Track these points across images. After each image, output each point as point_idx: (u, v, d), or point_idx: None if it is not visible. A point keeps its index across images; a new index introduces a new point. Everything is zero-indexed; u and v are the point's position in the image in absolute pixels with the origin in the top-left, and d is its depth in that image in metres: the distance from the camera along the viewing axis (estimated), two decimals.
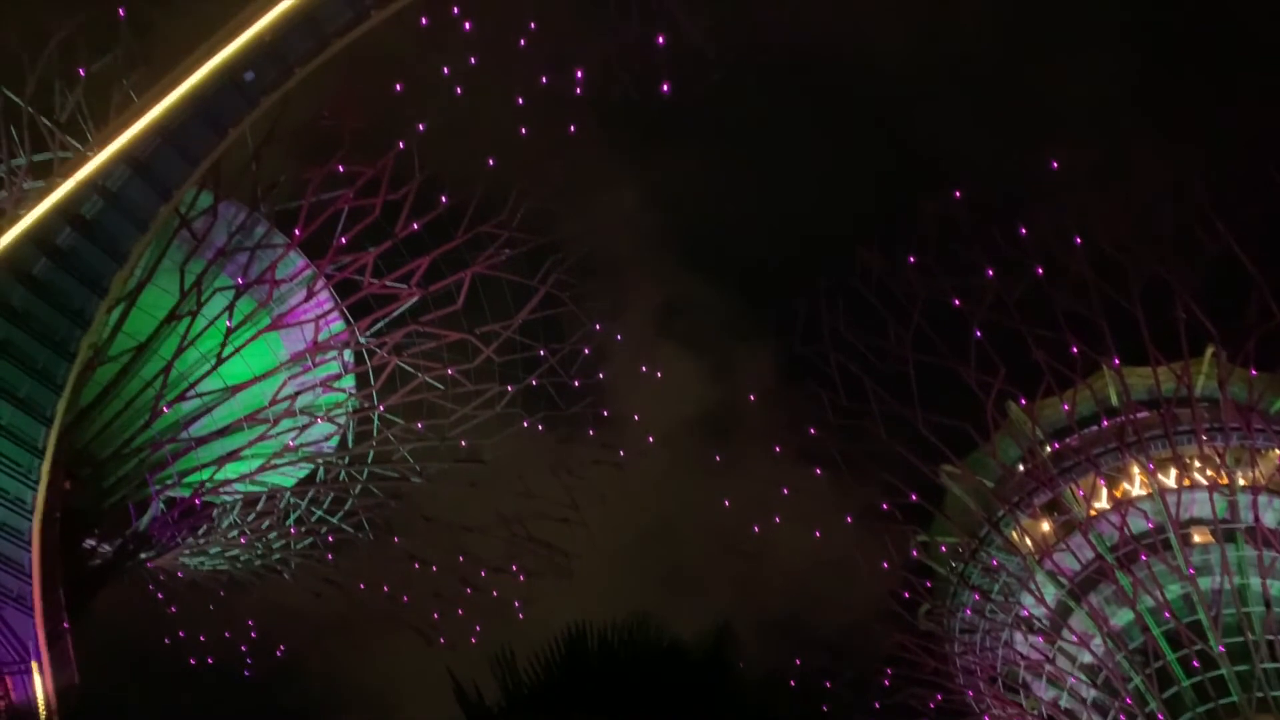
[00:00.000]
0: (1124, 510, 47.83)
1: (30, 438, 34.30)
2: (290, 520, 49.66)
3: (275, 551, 50.73)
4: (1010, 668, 51.63)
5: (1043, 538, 50.13)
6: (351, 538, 51.00)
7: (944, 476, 50.30)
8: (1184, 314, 44.48)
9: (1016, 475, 50.83)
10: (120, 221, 34.98)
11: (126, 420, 41.00)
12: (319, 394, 45.97)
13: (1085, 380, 47.75)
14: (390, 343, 45.72)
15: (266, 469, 46.03)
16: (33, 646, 32.68)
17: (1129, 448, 47.70)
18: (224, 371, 43.09)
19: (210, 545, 48.72)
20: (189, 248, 40.92)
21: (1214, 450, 47.29)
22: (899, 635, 52.01)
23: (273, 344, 44.62)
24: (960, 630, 52.49)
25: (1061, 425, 49.85)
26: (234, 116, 35.86)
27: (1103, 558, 47.73)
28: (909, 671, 52.54)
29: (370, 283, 44.12)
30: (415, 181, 42.55)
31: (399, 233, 43.29)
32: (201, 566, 51.92)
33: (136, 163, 34.60)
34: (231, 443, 44.29)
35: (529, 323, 47.24)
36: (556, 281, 46.77)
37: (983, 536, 50.71)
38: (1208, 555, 46.78)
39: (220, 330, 42.22)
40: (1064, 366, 46.42)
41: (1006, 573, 50.47)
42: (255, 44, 34.81)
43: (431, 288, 44.69)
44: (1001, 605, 50.81)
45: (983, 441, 48.91)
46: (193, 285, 41.01)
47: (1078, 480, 49.40)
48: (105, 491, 40.52)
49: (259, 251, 42.81)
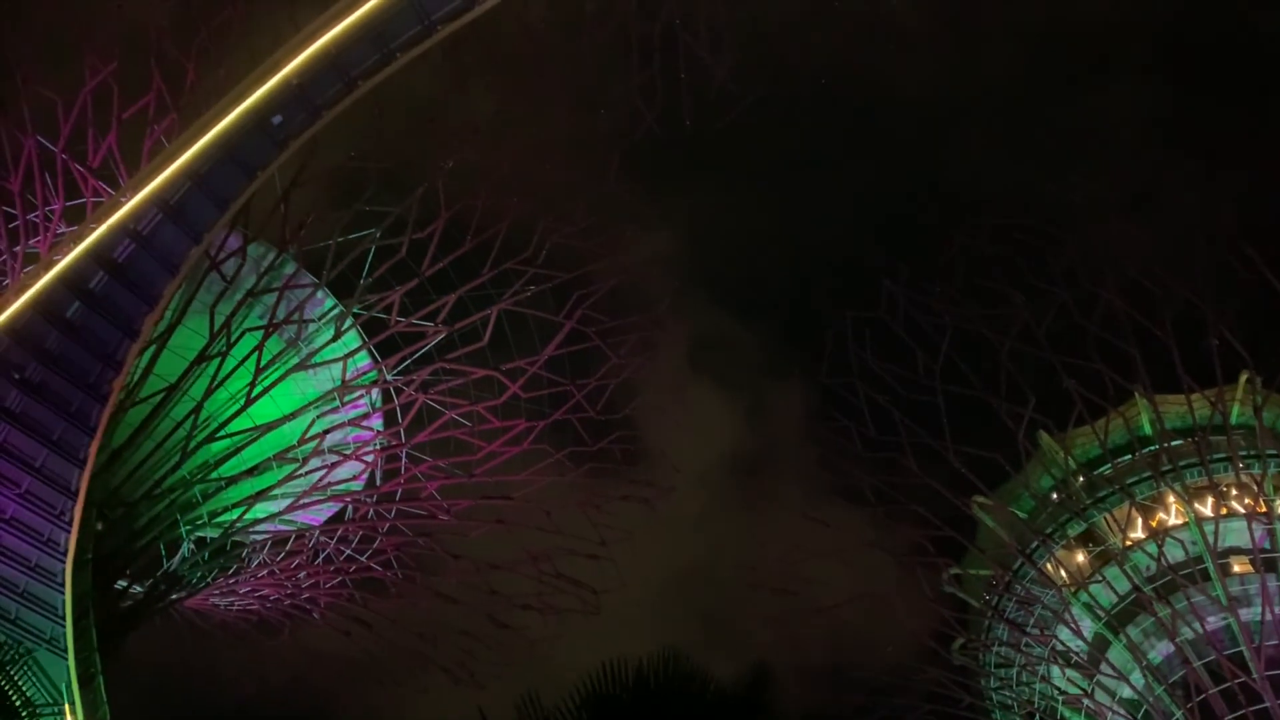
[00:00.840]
0: (1160, 540, 47.08)
1: (63, 479, 34.57)
2: (319, 559, 49.75)
3: (304, 590, 50.76)
4: (1048, 703, 50.69)
5: (1078, 569, 49.41)
6: (380, 576, 50.95)
7: (976, 508, 49.75)
8: (1218, 340, 44.07)
9: (1049, 506, 50.18)
10: (151, 264, 35.38)
11: (157, 461, 41.31)
12: (347, 432, 46.18)
13: (1117, 409, 47.23)
14: (417, 380, 45.91)
15: (295, 508, 46.19)
16: (65, 689, 32.74)
17: (1164, 476, 47.03)
18: (253, 411, 43.40)
19: (240, 585, 48.82)
20: (218, 289, 41.42)
21: (1251, 478, 46.56)
22: (934, 671, 51.27)
23: (301, 383, 44.96)
24: (995, 665, 51.69)
25: (1095, 454, 49.27)
26: (262, 160, 36.29)
27: (1140, 589, 46.95)
28: (944, 708, 51.71)
29: (397, 321, 44.41)
30: (441, 220, 42.91)
31: (425, 271, 43.61)
32: (232, 607, 52.03)
33: (167, 206, 35.06)
34: (261, 482, 44.51)
35: (556, 359, 47.34)
36: (583, 317, 46.84)
37: (1016, 569, 50.01)
38: (1247, 585, 45.89)
39: (249, 370, 42.57)
40: (1096, 395, 46.03)
41: (1041, 605, 49.70)
42: (283, 88, 35.28)
43: (458, 325, 44.91)
44: (1037, 638, 49.98)
45: (1014, 472, 48.42)
46: (222, 326, 41.43)
47: (1112, 510, 48.75)
48: (136, 532, 40.73)
49: (287, 292, 43.23)
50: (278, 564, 48.58)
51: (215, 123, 35.15)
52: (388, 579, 51.24)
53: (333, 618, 53.28)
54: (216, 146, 34.78)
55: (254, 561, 47.84)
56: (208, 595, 48.04)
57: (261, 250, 42.87)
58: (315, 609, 52.46)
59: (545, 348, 46.75)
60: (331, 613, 53.01)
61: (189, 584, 44.21)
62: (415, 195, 42.60)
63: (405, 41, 35.79)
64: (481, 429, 47.72)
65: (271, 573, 48.85)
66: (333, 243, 43.14)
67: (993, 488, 49.52)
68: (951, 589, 51.01)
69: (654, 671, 14.51)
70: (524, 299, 45.35)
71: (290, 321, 43.46)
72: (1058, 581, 49.26)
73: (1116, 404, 46.96)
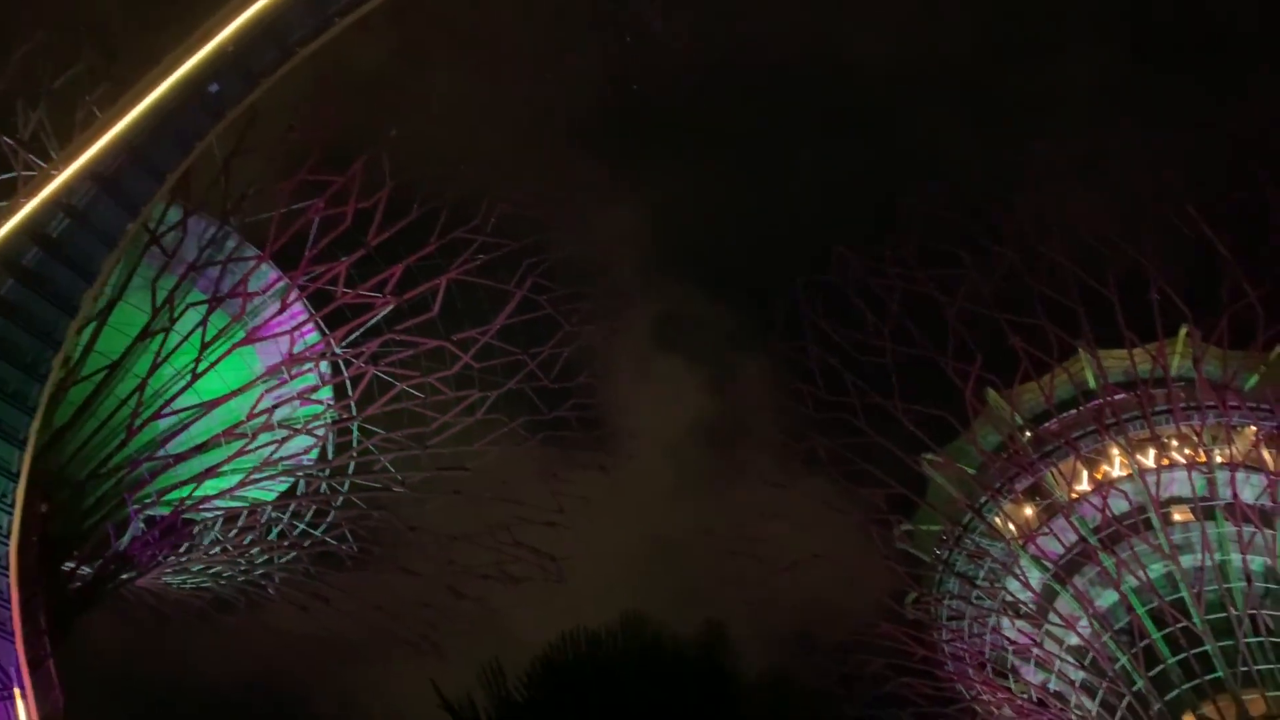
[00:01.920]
0: (1105, 492, 48.24)
1: (4, 461, 33.80)
2: (272, 534, 49.29)
3: (258, 566, 50.31)
4: (998, 653, 51.93)
5: (1026, 522, 50.47)
6: (336, 550, 50.63)
7: (926, 466, 50.55)
8: (1159, 296, 44.98)
9: (997, 461, 51.12)
10: (88, 239, 34.51)
11: (102, 440, 40.49)
12: (297, 407, 45.60)
13: (1062, 365, 48.09)
14: (367, 352, 45.38)
15: (246, 484, 45.59)
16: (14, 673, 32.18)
17: (1108, 430, 48.08)
18: (200, 387, 42.64)
19: (192, 563, 48.24)
20: (159, 264, 40.54)
21: (1191, 429, 47.75)
22: (888, 625, 52.25)
23: (248, 358, 44.21)
24: (948, 618, 52.78)
25: (1040, 410, 50.22)
26: (200, 130, 35.47)
27: (1086, 540, 48.11)
28: (898, 661, 52.76)
29: (344, 293, 43.76)
30: (386, 189, 42.22)
31: (371, 241, 42.95)
32: (185, 585, 51.43)
33: (102, 179, 34.14)
34: (210, 459, 43.84)
35: (510, 328, 47.03)
36: (535, 286, 46.53)
37: (966, 523, 51.02)
38: (1188, 533, 47.25)
39: (194, 346, 41.78)
40: (1040, 352, 46.82)
41: (991, 559, 50.78)
42: (218, 56, 34.44)
43: (406, 296, 44.38)
44: (987, 591, 51.11)
45: (963, 429, 49.22)
46: (164, 301, 40.56)
47: (1058, 464, 49.79)
48: (83, 513, 40.01)
49: (231, 265, 42.42)
50: (230, 540, 48.06)
51: (149, 92, 34.23)
52: (343, 553, 50.94)
53: (289, 593, 52.92)
54: (151, 117, 33.91)
55: (206, 539, 47.28)
56: (159, 574, 47.40)
57: (204, 223, 41.96)
58: (270, 584, 52.03)
59: (497, 317, 46.44)
60: (288, 588, 52.64)
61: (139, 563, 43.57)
62: (358, 164, 41.83)
63: (344, 6, 35.05)
64: (434, 400, 47.39)
65: (224, 549, 48.32)
66: (276, 214, 42.31)
67: (942, 445, 50.34)
68: (904, 545, 51.93)
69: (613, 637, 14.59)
70: (473, 269, 44.90)
71: (235, 295, 42.63)
72: (1006, 535, 50.30)
73: (1061, 360, 47.81)
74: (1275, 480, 46.70)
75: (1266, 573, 46.14)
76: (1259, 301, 44.98)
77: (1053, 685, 50.01)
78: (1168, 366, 47.63)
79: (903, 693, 53.10)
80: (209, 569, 49.80)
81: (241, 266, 42.77)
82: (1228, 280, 44.75)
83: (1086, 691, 48.55)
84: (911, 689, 53.18)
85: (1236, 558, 46.44)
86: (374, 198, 42.43)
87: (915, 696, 53.29)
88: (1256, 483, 47.31)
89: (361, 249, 43.22)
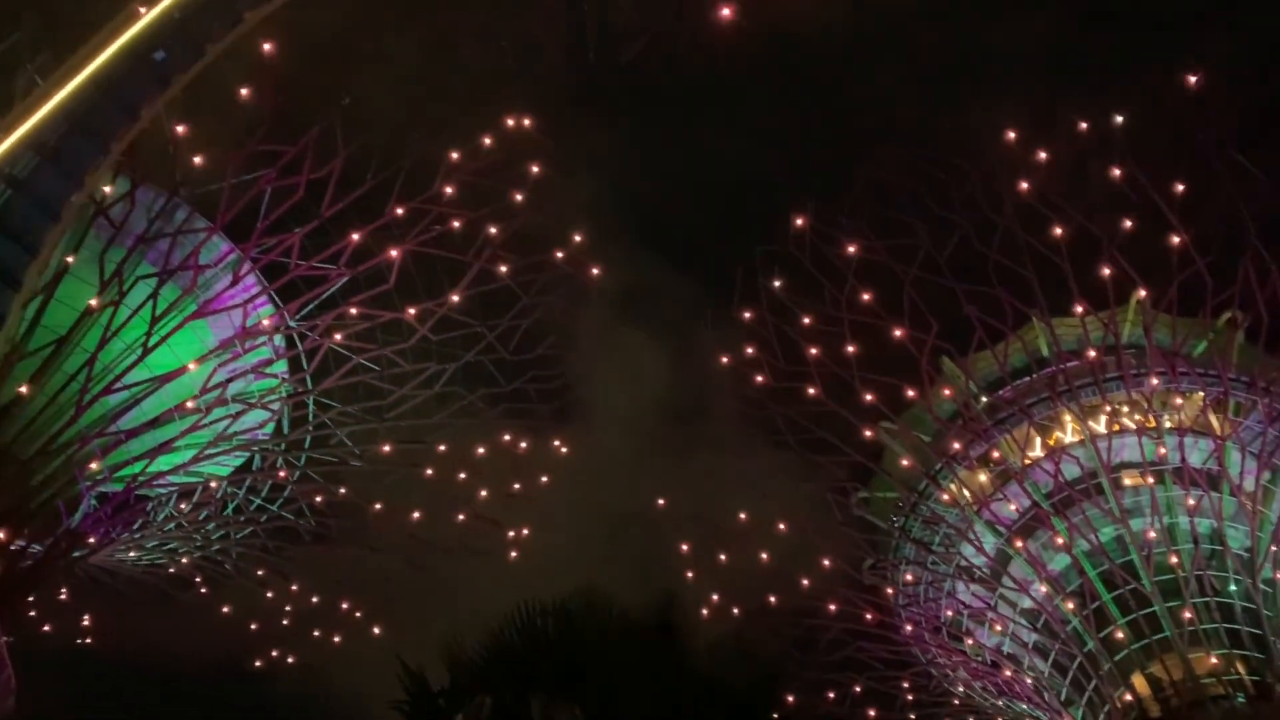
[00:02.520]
0: (1057, 458, 49.01)
1: None
2: (228, 510, 48.84)
3: (215, 543, 49.88)
4: (954, 617, 52.82)
5: (980, 488, 51.19)
6: (293, 525, 50.31)
7: (882, 434, 51.06)
8: (1110, 264, 45.59)
9: (952, 429, 51.74)
10: (30, 211, 33.64)
11: (51, 416, 39.81)
12: (251, 381, 45.09)
13: (1016, 333, 48.66)
14: (322, 325, 44.90)
15: (201, 459, 45.10)
16: None
17: (1060, 397, 48.79)
18: (151, 362, 42.00)
19: (146, 540, 47.72)
20: (107, 236, 39.77)
21: (1141, 395, 48.59)
22: (845, 591, 52.96)
23: (200, 332, 43.58)
24: (903, 583, 53.55)
25: (994, 378, 50.82)
26: (146, 98, 34.60)
27: (1039, 505, 48.91)
28: (855, 626, 53.54)
29: (298, 265, 43.19)
30: (339, 158, 41.59)
31: (325, 212, 42.36)
32: (140, 562, 50.90)
33: (44, 149, 33.29)
34: (163, 434, 43.29)
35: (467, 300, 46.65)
36: (491, 256, 46.16)
37: (921, 490, 51.66)
38: (1138, 497, 48.17)
39: (144, 320, 41.11)
40: (995, 320, 47.34)
41: (946, 524, 51.51)
42: (164, 22, 33.52)
43: (361, 267, 43.90)
44: (943, 556, 51.88)
45: (919, 398, 49.73)
46: (113, 274, 39.82)
47: (1012, 431, 50.48)
48: (32, 490, 39.38)
49: (181, 237, 41.68)
50: (185, 517, 47.57)
51: (92, 60, 33.31)
52: (301, 528, 50.64)
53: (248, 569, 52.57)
54: (94, 85, 32.89)
55: (160, 515, 46.75)
56: (113, 551, 46.84)
57: (152, 194, 41.15)
58: (228, 560, 51.64)
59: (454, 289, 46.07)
60: (246, 564, 52.27)
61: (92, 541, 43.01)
62: (311, 134, 41.15)
63: None
64: (391, 373, 47.06)
65: (179, 525, 47.83)
66: (226, 185, 41.57)
67: (899, 414, 50.85)
68: (861, 513, 52.53)
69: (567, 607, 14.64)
70: (430, 240, 44.45)
71: (185, 268, 41.93)
72: (961, 501, 51.01)
73: (1015, 328, 48.38)
74: (1222, 445, 47.71)
75: (1213, 535, 47.23)
76: (1206, 269, 45.80)
77: (1006, 647, 50.99)
78: (1119, 334, 48.40)
79: (859, 657, 53.96)
80: (164, 545, 49.30)
81: (192, 239, 42.02)
82: (1178, 246, 45.45)
83: (1039, 653, 49.55)
84: (868, 653, 54.06)
85: (1184, 521, 47.45)
86: (327, 168, 41.79)
87: (872, 660, 54.18)
88: (1204, 447, 48.32)
89: (315, 220, 42.62)
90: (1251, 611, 45.42)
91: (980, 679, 53.15)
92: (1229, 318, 47.87)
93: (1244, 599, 45.70)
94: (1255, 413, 48.15)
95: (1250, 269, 45.69)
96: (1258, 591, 45.59)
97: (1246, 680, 43.79)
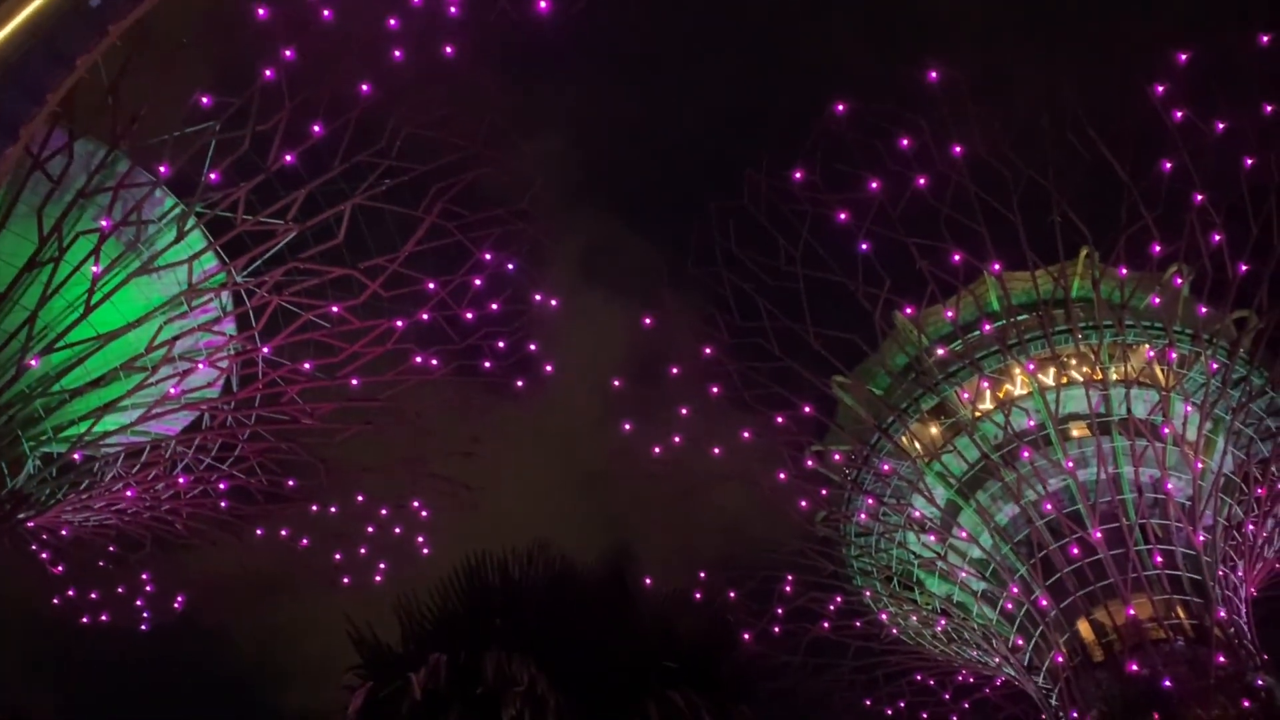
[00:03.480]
0: (1007, 410, 49.76)
1: None
2: (177, 470, 48.16)
3: (164, 503, 49.21)
4: (905, 567, 53.74)
5: (931, 441, 51.89)
6: (244, 484, 49.77)
7: (835, 388, 51.48)
8: (1060, 217, 46.01)
9: (904, 382, 52.27)
10: None
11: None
12: (199, 338, 44.28)
13: (968, 287, 49.08)
14: (270, 281, 44.07)
15: (148, 418, 44.32)
16: None
17: (1010, 350, 49.41)
18: (94, 320, 41.06)
19: (94, 500, 46.96)
20: (45, 191, 38.65)
21: (1089, 348, 49.35)
22: (798, 543, 53.65)
23: (145, 289, 42.61)
24: (856, 534, 54.33)
25: (946, 332, 51.33)
26: (82, 47, 33.45)
27: (988, 456, 49.69)
28: (809, 576, 54.33)
29: (244, 219, 42.26)
30: (285, 110, 40.59)
31: (271, 165, 41.41)
32: (88, 523, 50.13)
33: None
34: (108, 394, 42.44)
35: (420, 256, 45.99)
36: (445, 212, 45.43)
37: (874, 443, 52.25)
38: (1085, 448, 49.09)
39: (86, 277, 40.13)
40: (947, 275, 47.70)
41: (898, 476, 52.21)
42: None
43: (309, 222, 43.04)
44: (894, 508, 52.64)
45: (871, 352, 50.13)
46: (52, 230, 38.75)
47: (963, 384, 51.11)
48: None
49: (123, 192, 40.59)
50: (133, 476, 46.84)
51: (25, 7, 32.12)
52: (253, 487, 50.12)
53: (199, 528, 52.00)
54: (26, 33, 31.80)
55: (107, 475, 45.99)
56: (59, 513, 46.08)
57: (91, 147, 39.99)
58: (178, 520, 51.01)
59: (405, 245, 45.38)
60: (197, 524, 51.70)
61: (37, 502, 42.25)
62: (256, 85, 40.10)
63: None
64: (342, 330, 46.39)
65: (128, 485, 47.10)
66: (169, 137, 40.48)
67: (851, 368, 51.26)
68: (814, 466, 53.06)
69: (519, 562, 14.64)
70: (379, 194, 43.67)
71: (128, 223, 40.88)
72: (912, 453, 51.70)
73: (967, 282, 48.78)
74: (1166, 396, 48.68)
75: (1156, 484, 48.32)
76: (1154, 223, 46.41)
77: (956, 596, 52.04)
78: (1069, 288, 49.00)
79: (812, 606, 54.82)
80: (112, 506, 48.57)
81: (134, 193, 40.98)
82: (1126, 201, 45.99)
83: (987, 601, 50.62)
84: (820, 602, 54.94)
85: (1129, 470, 48.43)
86: (273, 120, 40.81)
87: (824, 610, 55.08)
88: (1149, 398, 49.27)
89: (261, 174, 41.68)
90: (1192, 558, 46.65)
91: (930, 627, 54.26)
92: (1174, 271, 48.65)
93: (1185, 546, 46.90)
94: (1199, 365, 49.14)
95: (1195, 223, 46.37)
96: (1198, 538, 46.80)
97: (1186, 624, 45.06)
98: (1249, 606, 47.73)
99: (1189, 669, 42.77)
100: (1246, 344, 48.81)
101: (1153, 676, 42.89)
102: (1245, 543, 48.44)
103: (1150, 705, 42.07)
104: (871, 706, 58.40)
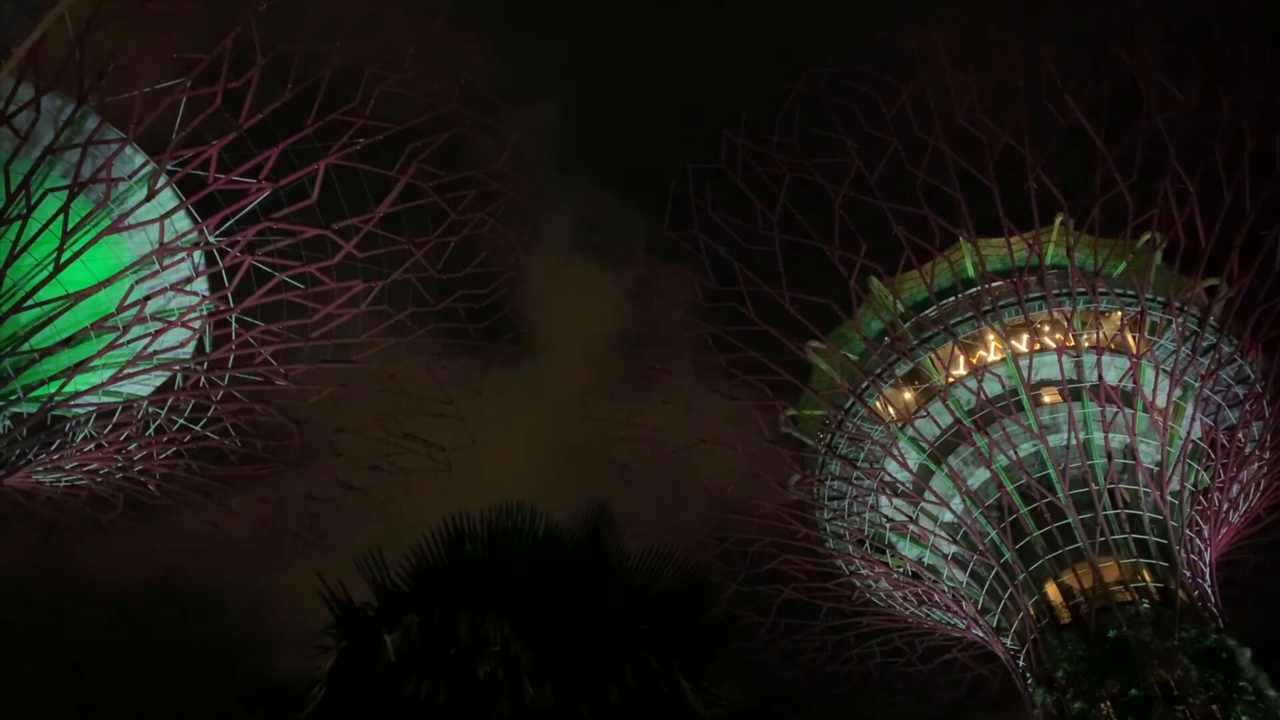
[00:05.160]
0: (980, 376, 50.12)
1: None
2: (150, 431, 47.81)
3: (136, 464, 48.89)
4: (877, 530, 54.28)
5: (905, 406, 52.23)
6: (217, 445, 49.49)
7: (810, 352, 51.64)
8: (1035, 185, 46.12)
9: (879, 348, 52.51)
10: None
11: None
12: (171, 298, 43.81)
13: (943, 253, 49.21)
14: (243, 241, 43.60)
15: (120, 378, 43.93)
16: None
17: (984, 316, 49.68)
18: (64, 278, 40.52)
19: (65, 461, 46.59)
20: (13, 147, 37.98)
21: (1062, 315, 49.69)
22: (772, 505, 54.04)
23: (116, 247, 42.08)
24: (829, 498, 54.77)
25: (921, 298, 51.52)
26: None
27: (961, 422, 50.09)
28: (782, 539, 54.81)
29: (216, 178, 41.69)
30: (257, 66, 39.96)
31: (243, 124, 40.82)
32: (59, 484, 49.77)
33: None
34: (79, 353, 42.01)
35: (395, 216, 45.61)
36: (420, 172, 44.99)
37: (848, 408, 52.55)
38: (1056, 414, 49.54)
39: (55, 234, 39.53)
40: (923, 241, 47.80)
41: (871, 441, 52.56)
42: None
43: (282, 181, 42.51)
44: (867, 472, 53.04)
45: (846, 317, 50.27)
46: (20, 186, 38.16)
47: (937, 350, 51.39)
48: None
49: (92, 148, 39.93)
50: (105, 437, 46.47)
51: None
52: (226, 448, 49.86)
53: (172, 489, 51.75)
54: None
55: (79, 435, 45.60)
56: (29, 473, 45.69)
57: (59, 102, 39.26)
58: (151, 481, 50.74)
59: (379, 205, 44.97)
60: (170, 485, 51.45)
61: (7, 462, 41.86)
62: (227, 39, 39.41)
63: None
64: (316, 291, 46.02)
65: (99, 446, 46.74)
66: (139, 93, 39.77)
67: (827, 332, 51.41)
68: (788, 430, 53.35)
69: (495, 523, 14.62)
70: (353, 153, 43.17)
71: (97, 180, 40.27)
72: (886, 418, 52.04)
73: (943, 248, 48.90)
74: (1137, 363, 49.17)
75: (1125, 450, 48.92)
76: (1128, 191, 46.63)
77: (927, 559, 52.66)
78: (1043, 254, 49.25)
79: (785, 568, 55.36)
80: (84, 466, 48.21)
81: (104, 150, 40.33)
82: (1100, 169, 46.14)
83: (958, 564, 51.24)
84: (794, 565, 55.49)
85: (1099, 436, 48.92)
86: (245, 76, 40.17)
87: (797, 572, 55.65)
88: (1120, 365, 49.73)
89: (233, 132, 41.08)
90: (1159, 523, 47.34)
91: (901, 589, 54.94)
92: (1147, 239, 48.96)
93: (1152, 511, 47.58)
94: (1170, 332, 49.62)
95: (1169, 191, 46.60)
96: (1165, 504, 47.48)
97: (1152, 587, 45.76)
98: (1213, 570, 48.57)
99: (1153, 631, 43.48)
100: (1217, 311, 49.27)
101: (1118, 638, 43.58)
102: (1210, 508, 49.20)
103: (1115, 666, 42.79)
104: (842, 667, 59.30)
